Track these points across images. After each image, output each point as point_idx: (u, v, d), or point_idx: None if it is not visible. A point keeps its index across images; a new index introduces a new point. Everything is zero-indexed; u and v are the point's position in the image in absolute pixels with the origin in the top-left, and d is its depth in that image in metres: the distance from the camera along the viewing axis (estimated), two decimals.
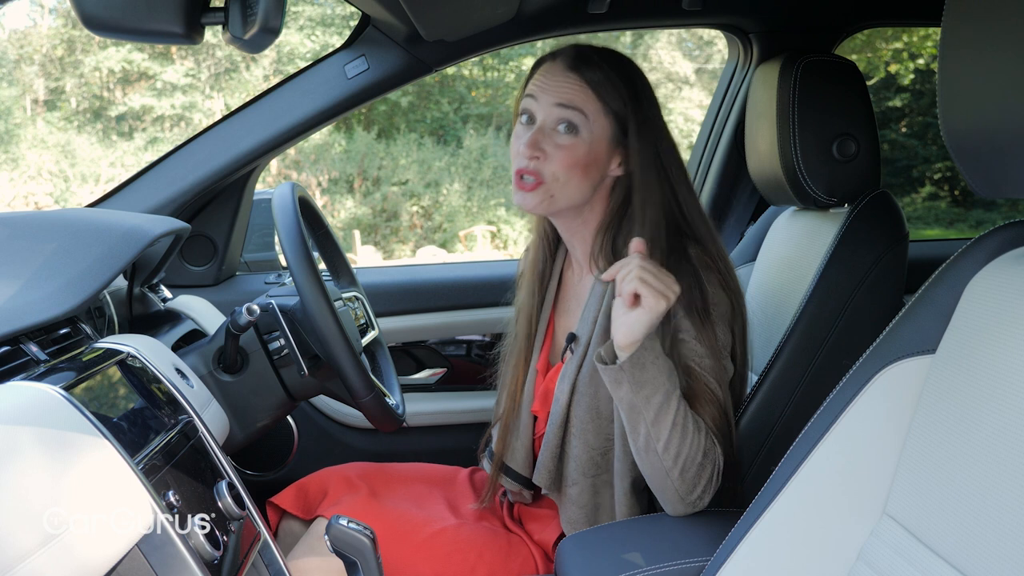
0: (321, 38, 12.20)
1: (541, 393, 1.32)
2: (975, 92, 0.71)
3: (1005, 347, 0.72)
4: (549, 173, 1.21)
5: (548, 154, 1.21)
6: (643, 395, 1.07)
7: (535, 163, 1.21)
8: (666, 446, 1.09)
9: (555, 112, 1.21)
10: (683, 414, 1.09)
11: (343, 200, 11.75)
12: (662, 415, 1.08)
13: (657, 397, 1.07)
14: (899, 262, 1.28)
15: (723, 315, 1.18)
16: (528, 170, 1.21)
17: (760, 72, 1.48)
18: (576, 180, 1.21)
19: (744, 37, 1.94)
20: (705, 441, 1.11)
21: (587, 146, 1.20)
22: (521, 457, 1.34)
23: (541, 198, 1.22)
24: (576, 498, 1.25)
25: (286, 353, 1.29)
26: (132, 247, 1.19)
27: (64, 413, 0.82)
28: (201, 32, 0.71)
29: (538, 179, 1.21)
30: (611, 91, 1.21)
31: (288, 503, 1.37)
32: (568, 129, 1.20)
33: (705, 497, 1.13)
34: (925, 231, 10.63)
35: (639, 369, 1.06)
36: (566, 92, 1.20)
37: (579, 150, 1.20)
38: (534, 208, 1.23)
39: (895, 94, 11.21)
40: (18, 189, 11.37)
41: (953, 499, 0.74)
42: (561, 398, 1.24)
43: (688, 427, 1.09)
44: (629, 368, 1.06)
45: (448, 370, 2.02)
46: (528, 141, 1.21)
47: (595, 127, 1.21)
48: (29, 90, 12.73)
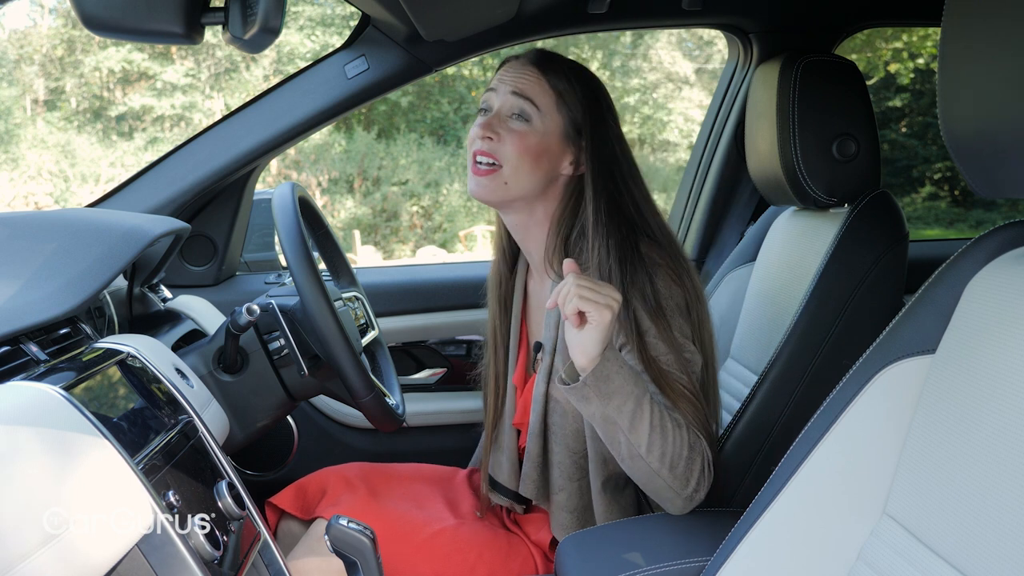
0: (321, 38, 12.20)
1: (521, 405, 1.33)
2: (975, 92, 0.71)
3: (1005, 347, 0.72)
4: (503, 155, 1.23)
5: (501, 137, 1.24)
6: (614, 405, 1.07)
7: (488, 143, 1.24)
8: (649, 449, 1.08)
9: (510, 100, 1.24)
10: (659, 415, 1.09)
11: (343, 200, 11.75)
12: (637, 421, 1.07)
13: (628, 404, 1.07)
14: (899, 262, 1.28)
15: (679, 307, 1.18)
16: (483, 151, 1.24)
17: (760, 72, 1.48)
18: (527, 167, 1.23)
19: (744, 37, 1.94)
20: (688, 435, 1.11)
21: (539, 136, 1.24)
22: (507, 471, 1.35)
23: (495, 185, 1.24)
24: (565, 503, 1.25)
25: (286, 353, 1.29)
26: (132, 247, 1.19)
27: (64, 413, 0.82)
28: (201, 32, 0.71)
29: (494, 163, 1.24)
30: (567, 89, 1.25)
31: (287, 503, 1.37)
32: (520, 118, 1.24)
33: (701, 491, 1.13)
34: (925, 231, 10.63)
35: (604, 382, 1.06)
36: (522, 83, 1.25)
37: (530, 139, 1.23)
38: (489, 194, 1.25)
39: (895, 94, 11.21)
40: (18, 189, 11.37)
41: (953, 499, 0.74)
42: (536, 407, 1.25)
43: (667, 426, 1.09)
44: (593, 383, 1.06)
45: (448, 370, 2.02)
46: (482, 123, 1.25)
47: (547, 120, 1.24)
48: (29, 90, 12.73)
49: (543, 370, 1.26)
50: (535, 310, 1.37)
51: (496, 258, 1.40)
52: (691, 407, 1.14)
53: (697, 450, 1.11)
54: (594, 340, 1.04)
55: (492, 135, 1.24)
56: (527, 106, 1.23)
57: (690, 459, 1.10)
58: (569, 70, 1.26)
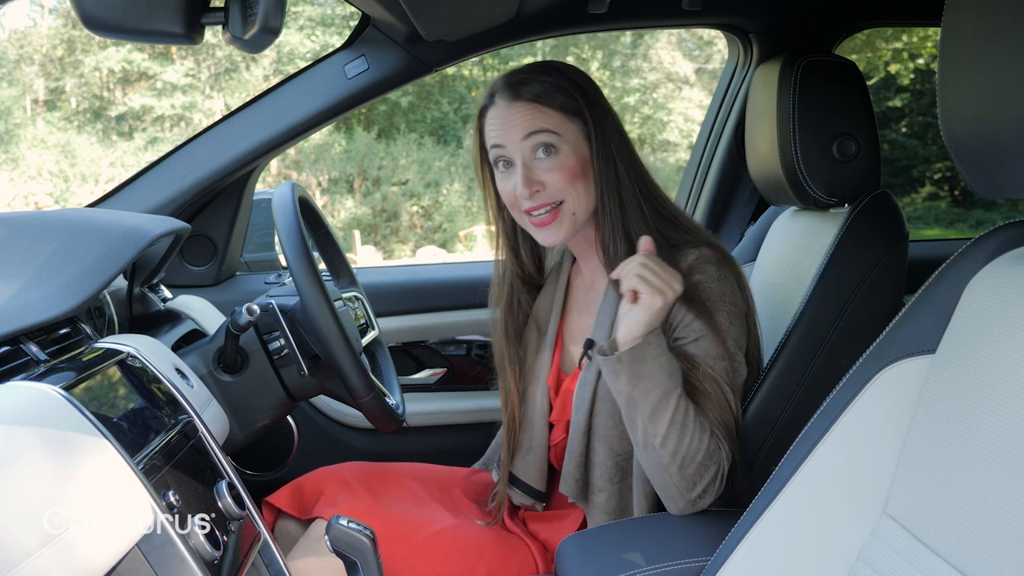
0: (321, 38, 12.20)
1: (559, 403, 1.32)
2: (975, 92, 0.71)
3: (1005, 347, 0.72)
4: (557, 193, 1.21)
5: (545, 182, 1.21)
6: (641, 389, 1.08)
7: (539, 196, 1.21)
8: (663, 442, 1.09)
9: (526, 144, 1.21)
10: (683, 412, 1.09)
11: (343, 200, 11.75)
12: (659, 411, 1.08)
13: (655, 393, 1.08)
14: (899, 262, 1.28)
15: (740, 313, 1.19)
16: (537, 205, 1.22)
17: (760, 72, 1.48)
18: (582, 187, 1.22)
19: (744, 37, 1.94)
20: (709, 442, 1.11)
21: (572, 154, 1.21)
22: (536, 470, 1.34)
23: (566, 222, 1.23)
24: (603, 505, 1.24)
25: (286, 353, 1.29)
26: (132, 247, 1.19)
27: (64, 413, 0.82)
28: (201, 32, 0.71)
29: (553, 206, 1.22)
30: (558, 94, 1.22)
31: (284, 503, 1.37)
32: (547, 151, 1.21)
33: (706, 497, 1.13)
34: (925, 231, 10.63)
35: (638, 363, 1.07)
36: (524, 121, 1.21)
37: (567, 162, 1.21)
38: (566, 236, 1.24)
39: (895, 94, 11.21)
40: (18, 189, 11.37)
41: (953, 499, 0.74)
42: (582, 406, 1.24)
43: (688, 426, 1.09)
44: (628, 360, 1.07)
45: (448, 370, 2.02)
46: (522, 181, 1.21)
47: (567, 134, 1.21)
48: (29, 90, 12.73)
49: (592, 368, 1.23)
50: (575, 307, 1.36)
51: (510, 259, 1.38)
52: (721, 415, 1.14)
53: (714, 459, 1.11)
54: (640, 321, 1.06)
55: (537, 187, 1.21)
56: (546, 137, 1.20)
57: (704, 465, 1.10)
58: (538, 73, 1.23)
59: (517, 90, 1.22)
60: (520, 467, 1.36)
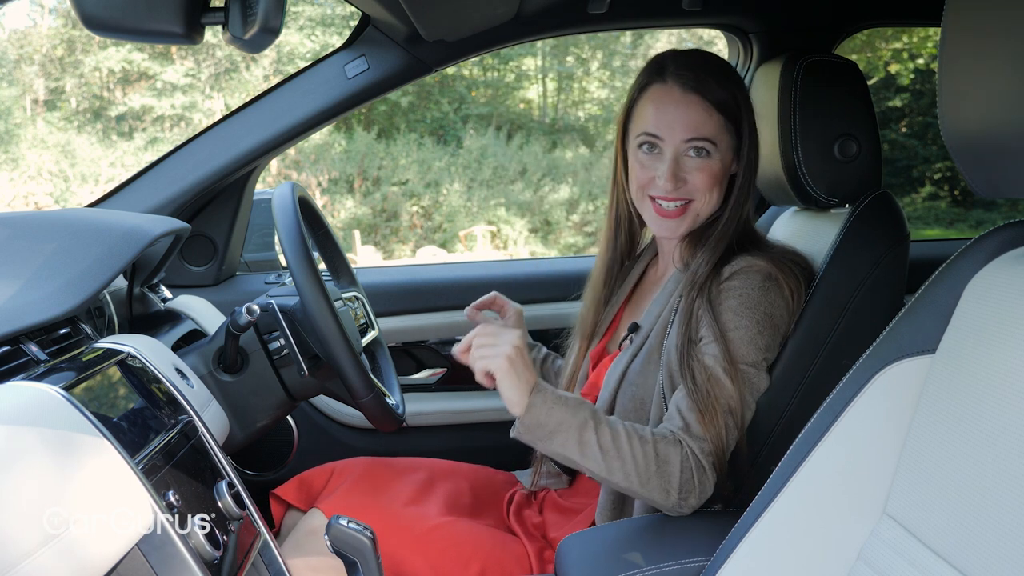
0: (321, 38, 12.20)
1: (594, 376, 1.36)
2: (975, 92, 0.71)
3: (1005, 347, 0.72)
4: (693, 192, 1.26)
5: (688, 180, 1.25)
6: (558, 442, 1.10)
7: (677, 192, 1.25)
8: (609, 472, 1.11)
9: (685, 145, 1.24)
10: (610, 437, 1.11)
11: (343, 200, 11.75)
12: (586, 450, 1.10)
13: (572, 438, 1.10)
14: (900, 263, 1.28)
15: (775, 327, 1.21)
16: (672, 196, 1.25)
17: (761, 72, 1.48)
18: (716, 193, 1.27)
19: (744, 37, 1.94)
20: (660, 447, 1.12)
21: (720, 162, 1.26)
22: None
23: (689, 221, 1.28)
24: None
25: (286, 353, 1.29)
26: (132, 247, 1.19)
27: (64, 413, 0.82)
28: (201, 32, 0.71)
29: (684, 202, 1.26)
30: (729, 105, 1.25)
31: (291, 495, 1.38)
32: (698, 153, 1.25)
33: (691, 498, 1.13)
34: (925, 231, 10.63)
35: (538, 426, 1.09)
36: (691, 125, 1.23)
37: (714, 168, 1.25)
38: (684, 232, 1.29)
39: (895, 94, 11.22)
40: (18, 189, 11.37)
41: (953, 499, 0.74)
42: (610, 384, 1.28)
43: (623, 446, 1.10)
44: (530, 427, 1.10)
45: (448, 370, 2.02)
46: (668, 174, 1.24)
47: (722, 144, 1.26)
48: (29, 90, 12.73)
49: (629, 351, 1.28)
50: (642, 294, 1.41)
51: (609, 253, 1.41)
52: (712, 420, 1.14)
53: (672, 461, 1.12)
54: (510, 388, 1.09)
55: (680, 183, 1.25)
56: (704, 144, 1.24)
57: (662, 472, 1.11)
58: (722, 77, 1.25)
59: (694, 83, 1.24)
60: None
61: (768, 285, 1.20)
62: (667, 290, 1.30)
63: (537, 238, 11.78)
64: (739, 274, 1.21)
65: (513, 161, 12.11)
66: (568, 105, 13.67)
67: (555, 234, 11.84)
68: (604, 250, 1.43)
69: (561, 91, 13.68)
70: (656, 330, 1.26)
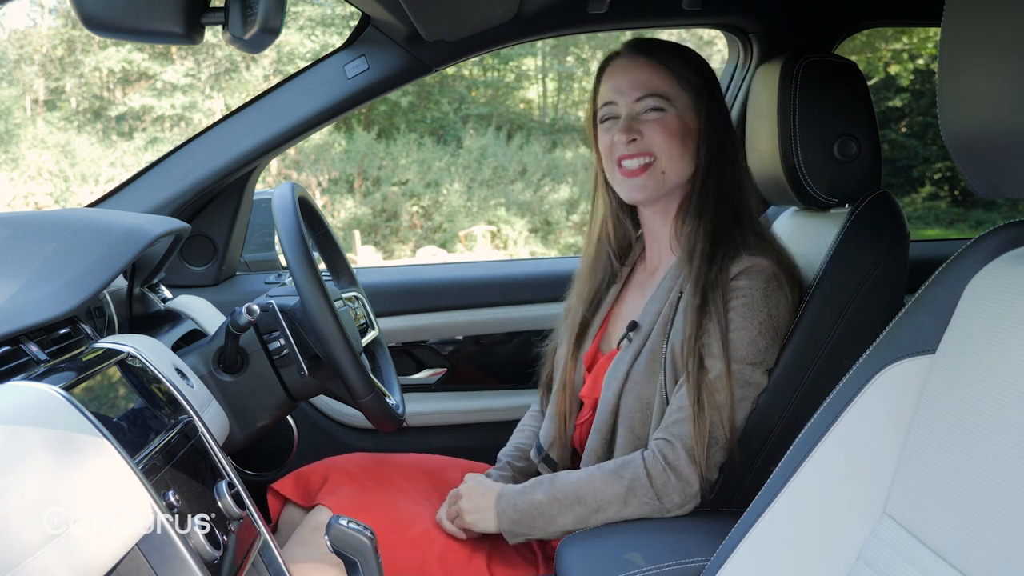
0: (321, 38, 12.20)
1: (591, 379, 1.34)
2: (975, 92, 0.71)
3: (1005, 347, 0.72)
4: (653, 147, 1.25)
5: (643, 133, 1.25)
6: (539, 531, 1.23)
7: (634, 145, 1.25)
8: (582, 520, 1.20)
9: (637, 105, 1.26)
10: (573, 493, 1.20)
11: (343, 200, 11.75)
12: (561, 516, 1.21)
13: (539, 518, 1.22)
14: (900, 263, 1.28)
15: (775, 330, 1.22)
16: (631, 153, 1.25)
17: (761, 72, 1.48)
18: (678, 150, 1.26)
19: (744, 37, 1.94)
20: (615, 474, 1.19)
21: (678, 118, 1.26)
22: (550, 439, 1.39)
23: (654, 179, 1.27)
24: None
25: (286, 353, 1.29)
26: (132, 247, 1.19)
27: (64, 413, 0.82)
28: (201, 32, 0.71)
29: (646, 158, 1.26)
30: (682, 65, 1.26)
31: (289, 491, 1.38)
32: (655, 110, 1.25)
33: (673, 497, 1.17)
34: (925, 231, 10.63)
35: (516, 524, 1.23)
36: (640, 82, 1.25)
37: (672, 122, 1.25)
38: (651, 192, 1.27)
39: (895, 94, 11.22)
40: (18, 189, 11.37)
41: (953, 499, 0.74)
42: (613, 385, 1.27)
43: (584, 497, 1.20)
44: (511, 531, 1.24)
45: (448, 370, 2.02)
46: (622, 127, 1.25)
47: (678, 102, 1.26)
48: (29, 90, 12.73)
49: (630, 351, 1.27)
50: (630, 292, 1.40)
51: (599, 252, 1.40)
52: (700, 422, 1.16)
53: (637, 481, 1.18)
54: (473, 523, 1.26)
55: (635, 135, 1.25)
56: (657, 101, 1.25)
57: (632, 489, 1.18)
58: (676, 51, 1.28)
59: (641, 47, 1.27)
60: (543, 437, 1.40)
61: (771, 287, 1.21)
62: (664, 286, 1.29)
63: (537, 238, 11.78)
64: (744, 275, 1.21)
65: (513, 161, 12.11)
66: (568, 105, 13.67)
67: (555, 234, 11.84)
68: (589, 251, 1.42)
69: (561, 91, 13.68)
70: (658, 328, 1.26)
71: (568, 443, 1.37)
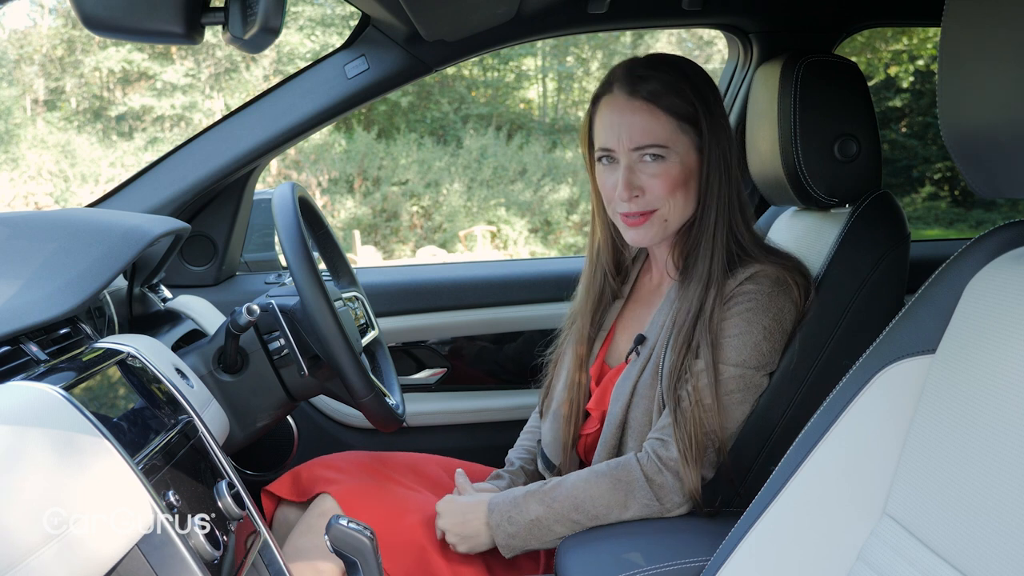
0: (321, 38, 12.20)
1: (598, 393, 1.34)
2: (975, 92, 0.71)
3: (1005, 347, 0.72)
4: (654, 201, 1.24)
5: (645, 188, 1.23)
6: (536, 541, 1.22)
7: (637, 202, 1.23)
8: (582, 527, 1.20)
9: (636, 154, 1.23)
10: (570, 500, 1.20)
11: (343, 200, 11.75)
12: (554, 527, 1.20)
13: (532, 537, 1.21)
14: (900, 263, 1.28)
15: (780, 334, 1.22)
16: (632, 211, 1.24)
17: (761, 72, 1.48)
18: (681, 198, 1.24)
19: (744, 37, 1.94)
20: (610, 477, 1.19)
21: (678, 164, 1.23)
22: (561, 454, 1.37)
23: (657, 228, 1.26)
24: None
25: (286, 353, 1.29)
26: (132, 247, 1.19)
27: (64, 413, 0.82)
28: (201, 32, 0.71)
29: (646, 213, 1.24)
30: (680, 102, 1.22)
31: (284, 491, 1.37)
32: (654, 158, 1.22)
33: (673, 497, 1.17)
34: (925, 231, 10.63)
35: (510, 536, 1.22)
36: (638, 132, 1.21)
37: (671, 171, 1.23)
38: (654, 238, 1.27)
39: (895, 94, 11.22)
40: (18, 189, 11.37)
41: (953, 499, 0.74)
42: (621, 399, 1.26)
43: (581, 504, 1.19)
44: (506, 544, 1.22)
45: (448, 370, 2.02)
46: (622, 184, 1.23)
47: (679, 146, 1.23)
48: (29, 90, 12.73)
49: (637, 364, 1.27)
50: (636, 303, 1.39)
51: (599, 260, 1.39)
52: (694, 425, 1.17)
53: (635, 483, 1.18)
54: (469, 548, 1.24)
55: (637, 192, 1.23)
56: (654, 150, 1.22)
57: (632, 497, 1.18)
58: (660, 71, 1.23)
59: (635, 85, 1.22)
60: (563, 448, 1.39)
61: (777, 290, 1.21)
62: (669, 299, 1.29)
63: (537, 238, 11.78)
64: (751, 280, 1.21)
65: (513, 161, 12.11)
66: (568, 105, 13.67)
67: (555, 234, 11.84)
68: (588, 271, 1.41)
69: (561, 91, 13.69)
70: (661, 341, 1.26)
71: (573, 455, 1.36)
